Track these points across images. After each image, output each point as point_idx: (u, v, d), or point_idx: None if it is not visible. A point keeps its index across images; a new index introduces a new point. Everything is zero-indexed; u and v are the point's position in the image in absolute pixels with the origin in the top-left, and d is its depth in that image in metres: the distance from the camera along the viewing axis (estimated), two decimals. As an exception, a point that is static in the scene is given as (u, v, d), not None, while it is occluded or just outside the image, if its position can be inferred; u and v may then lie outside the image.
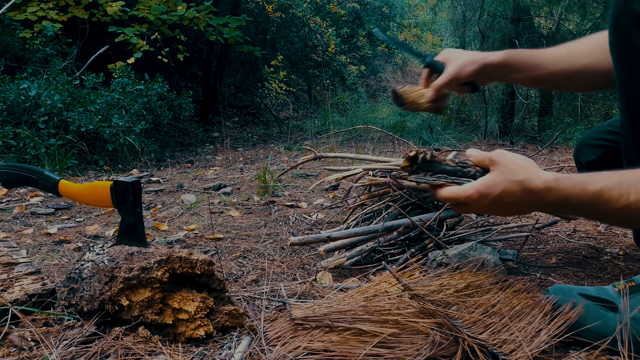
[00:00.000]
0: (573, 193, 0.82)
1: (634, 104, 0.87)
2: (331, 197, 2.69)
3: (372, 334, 0.89)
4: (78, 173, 3.62)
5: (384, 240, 1.50)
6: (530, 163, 0.87)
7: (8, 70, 4.25)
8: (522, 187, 0.84)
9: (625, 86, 0.88)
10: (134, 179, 1.05)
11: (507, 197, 0.86)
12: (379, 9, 11.06)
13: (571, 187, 0.82)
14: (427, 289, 1.01)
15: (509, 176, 0.86)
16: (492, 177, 0.88)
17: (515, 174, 0.85)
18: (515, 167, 0.86)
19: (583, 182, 0.82)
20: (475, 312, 0.94)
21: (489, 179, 0.88)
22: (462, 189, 0.91)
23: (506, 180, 0.86)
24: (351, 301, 1.01)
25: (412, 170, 0.99)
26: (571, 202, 0.82)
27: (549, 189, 0.83)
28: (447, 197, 0.93)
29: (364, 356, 0.85)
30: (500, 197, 0.86)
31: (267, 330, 0.98)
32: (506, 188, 0.86)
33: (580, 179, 0.82)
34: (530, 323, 0.90)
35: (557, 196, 0.83)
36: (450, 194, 0.92)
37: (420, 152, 0.98)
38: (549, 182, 0.83)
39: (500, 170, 0.87)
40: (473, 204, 0.90)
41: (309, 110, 9.47)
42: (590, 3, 5.32)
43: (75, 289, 1.02)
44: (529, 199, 0.85)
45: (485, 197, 0.88)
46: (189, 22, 4.96)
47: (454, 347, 0.87)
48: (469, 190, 0.89)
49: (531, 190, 0.84)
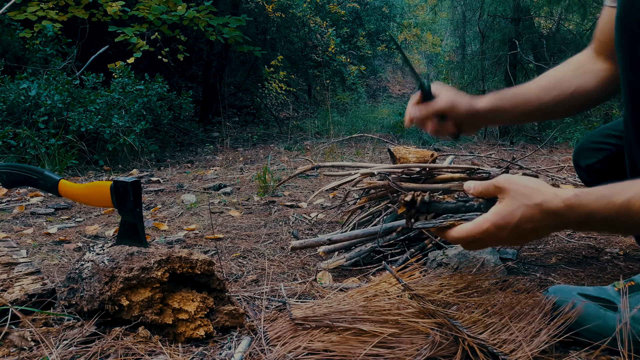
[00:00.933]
0: (597, 208, 0.77)
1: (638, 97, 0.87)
2: (331, 197, 2.69)
3: (372, 334, 0.89)
4: (78, 173, 3.62)
5: (383, 241, 1.50)
6: (541, 183, 0.82)
7: (8, 70, 4.25)
8: (541, 210, 0.79)
9: (630, 82, 0.88)
10: (134, 179, 1.05)
11: (526, 224, 0.80)
12: (379, 9, 11.06)
13: (594, 202, 0.77)
14: (427, 289, 1.01)
15: (524, 201, 0.80)
16: (505, 205, 0.82)
17: (530, 197, 0.80)
18: (527, 190, 0.81)
19: (607, 195, 0.77)
20: (475, 312, 0.94)
21: (503, 207, 0.82)
22: (475, 225, 0.84)
23: (522, 206, 0.80)
24: (351, 301, 1.01)
25: (411, 215, 0.92)
26: (597, 217, 0.77)
27: (570, 206, 0.78)
28: (460, 237, 0.86)
29: (364, 356, 0.85)
30: (519, 225, 0.80)
31: (267, 330, 0.98)
32: (524, 214, 0.79)
33: (603, 192, 0.78)
34: (530, 323, 0.91)
35: (580, 213, 0.78)
36: (463, 233, 0.85)
37: (417, 195, 0.91)
38: (570, 200, 0.78)
39: (513, 196, 0.81)
40: (490, 238, 0.83)
41: (309, 110, 9.48)
42: (590, 3, 5.32)
43: (75, 289, 1.02)
44: (551, 222, 0.79)
45: (503, 229, 0.81)
46: (189, 22, 4.96)
47: (454, 347, 0.87)
48: (483, 225, 0.82)
49: (551, 211, 0.78)
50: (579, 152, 1.34)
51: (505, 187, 0.83)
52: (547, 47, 5.92)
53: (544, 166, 3.41)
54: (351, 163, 1.89)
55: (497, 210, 0.82)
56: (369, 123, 7.57)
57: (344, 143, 5.23)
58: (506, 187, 0.82)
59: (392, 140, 5.30)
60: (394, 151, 1.86)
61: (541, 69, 5.75)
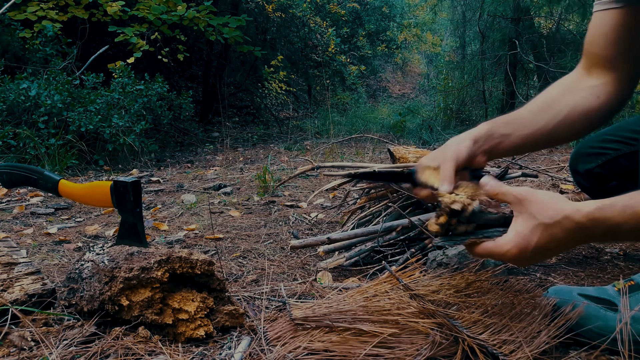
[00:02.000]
0: (624, 219, 0.74)
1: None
2: (331, 197, 2.69)
3: (372, 334, 0.89)
4: (78, 173, 3.62)
5: (383, 240, 1.50)
6: (561, 198, 0.79)
7: (8, 70, 4.25)
8: (564, 228, 0.76)
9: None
10: (134, 179, 1.05)
11: (549, 244, 0.78)
12: (379, 9, 11.07)
13: (620, 214, 0.74)
14: (427, 289, 1.01)
15: (545, 220, 0.77)
16: (525, 224, 0.79)
17: (551, 216, 0.77)
18: (547, 207, 0.78)
19: (632, 205, 0.74)
20: (475, 312, 0.94)
21: (523, 227, 0.79)
22: (496, 246, 0.81)
23: (542, 225, 0.77)
24: (351, 301, 1.01)
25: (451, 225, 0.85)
26: (624, 229, 0.75)
27: (594, 220, 0.75)
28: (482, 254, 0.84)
29: (364, 356, 0.85)
30: (540, 245, 0.78)
31: (267, 330, 0.98)
32: (544, 234, 0.77)
33: (628, 202, 0.75)
34: (530, 324, 0.91)
35: (606, 227, 0.75)
36: (484, 252, 0.83)
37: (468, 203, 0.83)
38: (592, 214, 0.75)
39: (532, 214, 0.79)
40: (513, 258, 0.81)
41: (309, 110, 9.48)
42: (590, 3, 5.31)
43: (75, 289, 1.02)
44: (574, 237, 0.77)
45: (525, 250, 0.79)
46: (189, 22, 4.96)
47: (454, 347, 0.87)
48: (505, 247, 0.80)
49: (574, 229, 0.76)
50: (576, 157, 1.33)
51: (525, 200, 0.80)
52: (547, 47, 5.92)
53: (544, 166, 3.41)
54: (351, 163, 1.89)
55: (517, 229, 0.80)
56: (369, 123, 7.58)
57: (344, 143, 5.23)
58: (527, 201, 0.80)
59: (392, 140, 5.31)
60: (394, 151, 1.86)
61: (541, 69, 5.75)
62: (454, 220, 0.84)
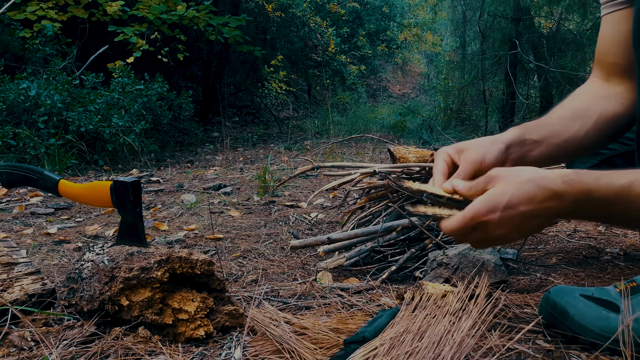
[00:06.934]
0: (597, 187, 0.72)
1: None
2: (331, 197, 2.69)
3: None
4: (78, 173, 3.61)
5: (383, 240, 1.50)
6: (534, 168, 0.75)
7: (8, 70, 4.25)
8: (537, 186, 0.72)
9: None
10: (133, 179, 1.05)
11: (521, 204, 0.72)
12: (379, 9, 11.07)
13: (594, 181, 0.72)
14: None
15: (519, 179, 0.72)
16: (497, 187, 0.74)
17: (526, 175, 0.73)
18: (521, 171, 0.74)
19: (608, 175, 0.72)
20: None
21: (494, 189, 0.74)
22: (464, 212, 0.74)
23: (515, 183, 0.72)
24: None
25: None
26: (595, 197, 0.72)
27: (569, 182, 0.71)
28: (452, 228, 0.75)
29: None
30: (512, 204, 0.71)
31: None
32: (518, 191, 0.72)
33: (604, 173, 0.73)
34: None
35: (579, 190, 0.71)
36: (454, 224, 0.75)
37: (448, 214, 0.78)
38: (568, 176, 0.72)
39: (506, 179, 0.74)
40: (484, 225, 0.73)
41: (309, 110, 9.48)
42: (590, 3, 5.32)
43: (75, 289, 1.02)
44: (548, 201, 0.72)
45: (494, 209, 0.72)
46: (189, 21, 4.96)
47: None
48: (471, 210, 0.73)
49: (548, 188, 0.71)
50: None
51: (497, 174, 0.75)
52: (547, 47, 5.92)
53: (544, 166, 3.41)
54: (351, 163, 1.89)
55: (487, 192, 0.74)
56: (369, 123, 7.58)
57: (344, 143, 5.23)
58: (497, 174, 0.75)
59: (392, 140, 5.31)
60: (394, 151, 1.86)
61: (541, 68, 5.75)
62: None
